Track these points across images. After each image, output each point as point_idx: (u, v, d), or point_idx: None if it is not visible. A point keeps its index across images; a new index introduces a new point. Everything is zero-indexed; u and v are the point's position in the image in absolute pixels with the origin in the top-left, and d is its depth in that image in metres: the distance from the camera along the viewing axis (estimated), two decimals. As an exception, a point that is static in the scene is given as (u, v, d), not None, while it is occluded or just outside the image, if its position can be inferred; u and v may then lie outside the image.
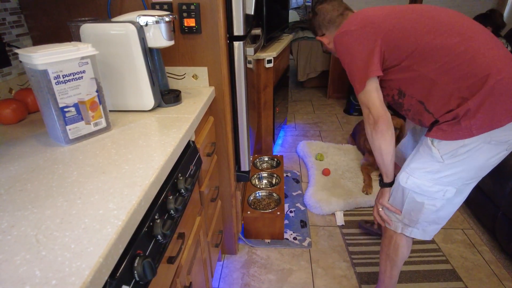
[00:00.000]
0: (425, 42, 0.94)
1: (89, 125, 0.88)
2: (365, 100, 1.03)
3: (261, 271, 1.66)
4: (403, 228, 1.17)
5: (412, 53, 0.96)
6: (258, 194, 1.98)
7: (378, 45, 0.98)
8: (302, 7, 6.60)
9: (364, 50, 0.99)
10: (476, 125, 0.91)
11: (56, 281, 0.45)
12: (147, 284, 0.62)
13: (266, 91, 2.34)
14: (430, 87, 0.96)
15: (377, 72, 1.00)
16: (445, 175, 1.01)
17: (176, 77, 1.34)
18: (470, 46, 0.91)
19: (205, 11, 1.19)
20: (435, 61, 0.93)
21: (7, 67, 1.15)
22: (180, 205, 0.78)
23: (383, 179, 1.18)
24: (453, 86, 0.93)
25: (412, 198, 1.08)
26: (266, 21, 2.13)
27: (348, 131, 3.21)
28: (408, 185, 1.07)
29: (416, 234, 1.15)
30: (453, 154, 0.97)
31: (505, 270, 1.64)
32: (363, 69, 1.00)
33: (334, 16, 1.15)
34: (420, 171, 1.05)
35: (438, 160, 1.00)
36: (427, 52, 0.94)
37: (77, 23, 0.99)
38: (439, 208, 1.07)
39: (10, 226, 0.55)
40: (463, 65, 0.91)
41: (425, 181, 1.04)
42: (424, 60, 0.95)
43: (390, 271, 1.30)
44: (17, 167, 0.75)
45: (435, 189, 1.04)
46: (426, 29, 0.95)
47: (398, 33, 0.97)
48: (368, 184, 2.25)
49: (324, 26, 1.18)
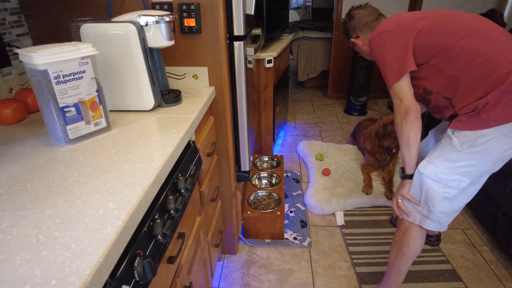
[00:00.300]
0: (450, 42, 1.03)
1: (89, 125, 0.88)
2: (398, 92, 1.11)
3: (261, 271, 1.66)
4: (421, 220, 1.19)
5: (439, 52, 1.05)
6: (258, 194, 1.98)
7: (410, 44, 1.07)
8: (302, 7, 6.60)
9: (399, 48, 1.09)
10: (494, 117, 0.98)
11: (56, 281, 0.45)
12: (147, 284, 0.62)
13: (266, 91, 2.35)
14: (455, 83, 1.05)
15: (413, 67, 1.08)
16: (462, 165, 1.07)
17: (176, 77, 1.34)
18: (492, 47, 1.00)
19: (205, 11, 1.19)
20: (459, 60, 1.02)
21: (7, 67, 1.15)
22: (180, 205, 0.78)
23: (405, 170, 1.21)
24: (475, 82, 1.01)
25: (429, 185, 1.13)
26: (266, 21, 2.13)
27: (348, 131, 3.21)
28: (426, 171, 1.12)
29: (433, 226, 1.19)
30: (471, 144, 1.03)
31: (505, 270, 1.64)
32: (399, 64, 1.09)
33: (370, 20, 1.26)
34: (439, 159, 1.10)
35: (457, 149, 1.06)
36: (453, 51, 1.03)
37: (77, 23, 0.99)
38: (453, 197, 1.12)
39: (10, 226, 0.55)
40: (485, 63, 0.99)
41: (442, 168, 1.09)
42: (450, 59, 1.04)
43: (399, 266, 1.31)
44: (17, 167, 0.75)
45: (451, 177, 1.09)
46: (453, 31, 1.05)
47: (428, 33, 1.06)
48: (368, 184, 2.25)
49: (359, 29, 1.29)
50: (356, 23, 1.29)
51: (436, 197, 1.12)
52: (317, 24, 4.63)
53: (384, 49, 1.12)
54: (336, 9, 3.74)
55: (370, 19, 1.26)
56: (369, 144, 2.38)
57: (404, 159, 1.18)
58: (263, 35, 1.91)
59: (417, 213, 1.20)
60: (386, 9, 3.61)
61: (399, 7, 3.64)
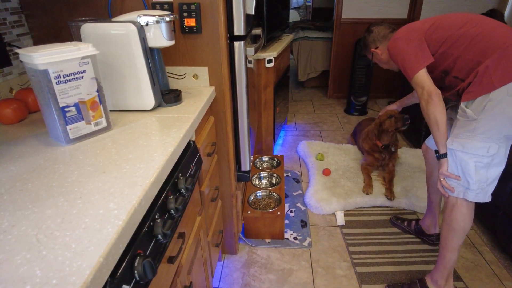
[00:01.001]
0: (452, 32, 1.24)
1: (90, 124, 0.88)
2: (419, 81, 1.27)
3: (262, 271, 1.66)
4: (464, 192, 1.27)
5: (445, 42, 1.25)
6: (259, 194, 1.98)
7: (423, 41, 1.28)
8: (303, 7, 6.60)
9: (414, 46, 1.29)
10: (497, 79, 1.12)
11: (57, 280, 0.45)
12: (147, 283, 0.62)
13: (267, 91, 2.34)
14: (462, 62, 1.23)
15: (430, 59, 1.26)
16: (482, 131, 1.17)
17: (177, 77, 1.34)
18: (488, 29, 1.19)
19: (206, 11, 1.19)
20: (462, 43, 1.22)
21: (7, 67, 1.15)
22: (180, 205, 0.78)
23: (439, 151, 1.30)
24: (477, 57, 1.18)
25: (460, 158, 1.23)
26: (266, 21, 2.13)
27: (349, 131, 3.21)
28: (454, 146, 1.24)
29: (477, 196, 1.26)
30: (482, 108, 1.15)
31: (505, 270, 1.64)
32: (417, 58, 1.27)
33: (387, 32, 1.54)
34: (462, 133, 1.22)
35: (473, 118, 1.18)
36: (455, 38, 1.23)
37: (78, 23, 0.99)
38: (486, 164, 1.21)
39: (11, 225, 0.55)
40: (482, 41, 1.17)
41: (467, 139, 1.21)
42: (454, 44, 1.24)
43: (452, 243, 1.35)
44: (17, 167, 0.75)
45: (477, 145, 1.19)
46: (452, 24, 1.26)
47: (434, 30, 1.28)
48: (369, 184, 2.25)
49: (378, 41, 1.56)
50: (376, 36, 1.55)
51: (471, 168, 1.22)
52: (318, 24, 4.64)
53: (402, 50, 1.32)
54: (336, 9, 3.73)
55: (387, 31, 1.53)
56: (367, 144, 2.38)
57: (436, 139, 1.28)
58: (263, 35, 1.91)
59: (459, 187, 1.27)
60: (386, 9, 3.65)
61: (399, 7, 3.64)
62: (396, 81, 3.89)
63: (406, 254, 1.75)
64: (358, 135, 2.69)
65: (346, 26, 3.77)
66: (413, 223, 1.87)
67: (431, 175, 1.69)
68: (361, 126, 2.68)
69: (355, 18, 3.72)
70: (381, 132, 2.25)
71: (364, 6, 3.67)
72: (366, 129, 2.45)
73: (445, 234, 1.37)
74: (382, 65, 1.62)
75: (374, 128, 2.29)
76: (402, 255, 1.74)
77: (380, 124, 2.23)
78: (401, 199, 2.13)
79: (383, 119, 2.19)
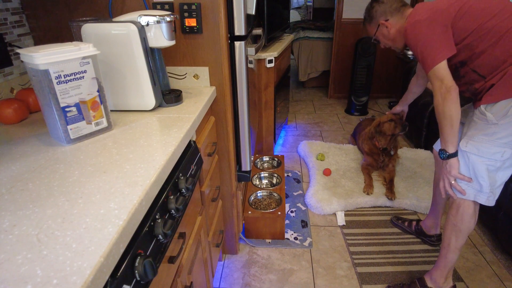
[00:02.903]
0: (480, 23, 1.13)
1: (90, 125, 0.88)
2: (438, 74, 1.17)
3: (262, 271, 1.66)
4: (475, 195, 1.24)
5: (472, 33, 1.14)
6: (259, 194, 1.98)
7: (449, 28, 1.16)
8: (303, 7, 6.60)
9: (438, 33, 1.16)
10: None
11: (58, 280, 0.45)
12: (148, 283, 0.62)
13: (267, 91, 2.34)
14: (486, 57, 1.14)
15: (453, 51, 1.16)
16: (501, 136, 1.14)
17: (177, 77, 1.34)
18: None
19: (206, 11, 1.19)
20: (490, 38, 1.12)
21: (8, 67, 1.16)
22: (181, 204, 0.78)
23: (448, 150, 1.23)
24: (503, 55, 1.11)
25: (473, 161, 1.20)
26: (267, 21, 2.13)
27: (349, 131, 3.21)
28: (468, 148, 1.20)
29: (487, 200, 1.23)
30: (505, 113, 1.10)
31: (506, 270, 1.64)
32: (441, 48, 1.16)
33: (399, 6, 1.37)
34: (478, 135, 1.18)
35: (493, 123, 1.14)
36: (483, 31, 1.13)
37: (79, 23, 0.99)
38: (497, 168, 1.19)
39: (12, 225, 0.55)
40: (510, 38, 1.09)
41: (483, 143, 1.17)
42: (480, 37, 1.14)
43: (455, 243, 1.34)
44: (18, 167, 0.75)
45: (493, 150, 1.16)
46: (482, 13, 1.14)
47: (461, 17, 1.15)
48: (369, 184, 2.25)
49: (389, 13, 1.38)
50: (388, 7, 1.38)
51: (483, 171, 1.19)
52: (318, 24, 4.63)
53: (424, 35, 1.18)
54: (337, 9, 3.73)
55: (399, 5, 1.37)
56: (367, 145, 2.38)
57: (447, 138, 1.21)
58: (264, 35, 1.91)
59: (470, 189, 1.24)
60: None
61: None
62: (397, 81, 3.88)
63: (407, 254, 1.74)
64: (358, 136, 2.69)
65: (346, 26, 3.77)
66: (413, 223, 1.86)
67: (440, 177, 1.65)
68: (361, 126, 2.68)
69: (356, 18, 3.72)
70: (379, 133, 2.24)
71: (364, 6, 3.65)
72: (365, 130, 2.45)
73: (448, 234, 1.36)
74: (385, 42, 1.44)
75: (372, 128, 2.28)
76: (403, 255, 1.74)
77: (378, 125, 2.23)
78: (402, 199, 2.12)
79: (383, 120, 2.19)
